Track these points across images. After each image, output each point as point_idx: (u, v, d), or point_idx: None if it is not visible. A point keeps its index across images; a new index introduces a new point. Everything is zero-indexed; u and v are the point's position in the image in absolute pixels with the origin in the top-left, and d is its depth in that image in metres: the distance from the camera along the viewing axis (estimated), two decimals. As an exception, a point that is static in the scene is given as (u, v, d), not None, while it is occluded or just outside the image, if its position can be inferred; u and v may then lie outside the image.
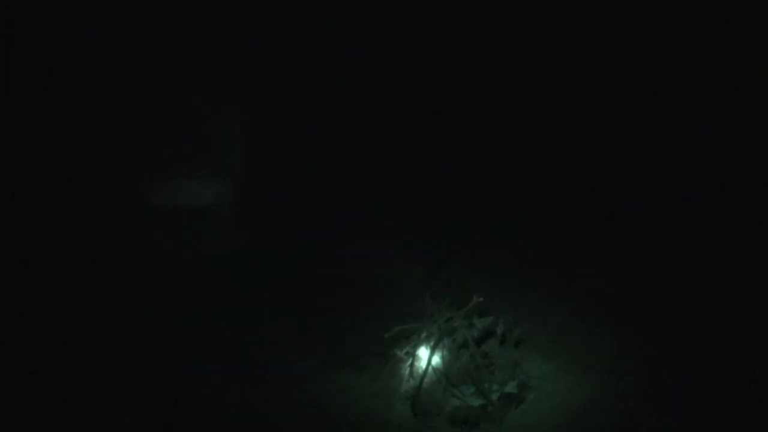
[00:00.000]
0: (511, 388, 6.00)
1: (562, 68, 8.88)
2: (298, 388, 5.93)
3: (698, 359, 5.87)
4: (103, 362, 6.07)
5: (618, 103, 8.66)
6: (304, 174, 8.66)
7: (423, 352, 6.14)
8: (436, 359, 6.10)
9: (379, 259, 7.35)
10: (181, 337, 6.47)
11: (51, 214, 7.73)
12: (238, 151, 8.93)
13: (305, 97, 8.94)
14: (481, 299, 6.33)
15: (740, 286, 6.59)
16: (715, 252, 7.04)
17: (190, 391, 5.84)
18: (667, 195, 7.93)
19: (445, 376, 6.01)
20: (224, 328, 6.70)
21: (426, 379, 5.94)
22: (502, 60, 8.99)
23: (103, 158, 8.23)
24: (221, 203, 8.49)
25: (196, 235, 7.90)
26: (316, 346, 6.43)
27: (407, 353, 6.17)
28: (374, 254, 7.46)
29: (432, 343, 6.14)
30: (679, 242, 7.32)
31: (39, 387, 5.79)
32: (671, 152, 8.28)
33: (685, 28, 8.50)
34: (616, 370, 5.95)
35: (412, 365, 6.08)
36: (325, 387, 5.99)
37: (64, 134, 8.19)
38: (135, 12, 8.42)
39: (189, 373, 6.08)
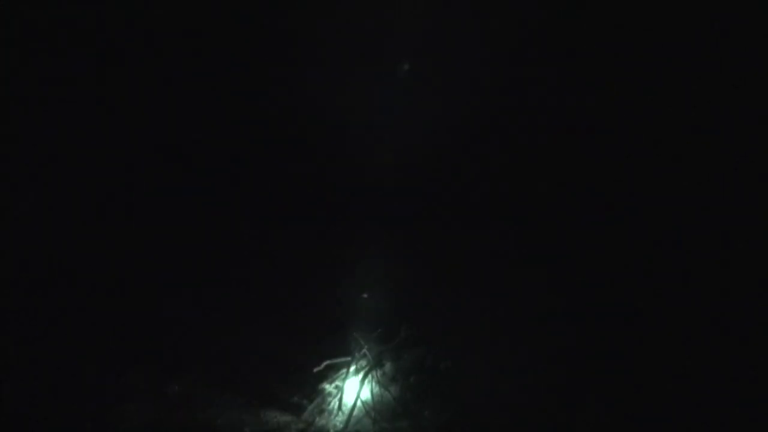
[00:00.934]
0: (443, 420, 5.95)
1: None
2: (220, 429, 5.66)
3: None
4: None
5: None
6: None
7: (352, 386, 6.04)
8: (366, 393, 6.01)
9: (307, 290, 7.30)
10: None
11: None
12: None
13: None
14: (410, 331, 6.36)
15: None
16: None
17: None
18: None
19: (374, 410, 5.91)
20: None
21: (355, 414, 5.82)
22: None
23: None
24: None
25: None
26: (239, 382, 6.19)
27: (336, 387, 6.06)
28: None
29: (361, 377, 6.07)
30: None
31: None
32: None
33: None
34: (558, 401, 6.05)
35: (340, 400, 5.95)
36: (250, 426, 5.73)
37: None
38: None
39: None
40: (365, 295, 7.15)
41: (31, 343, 6.39)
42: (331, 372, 6.16)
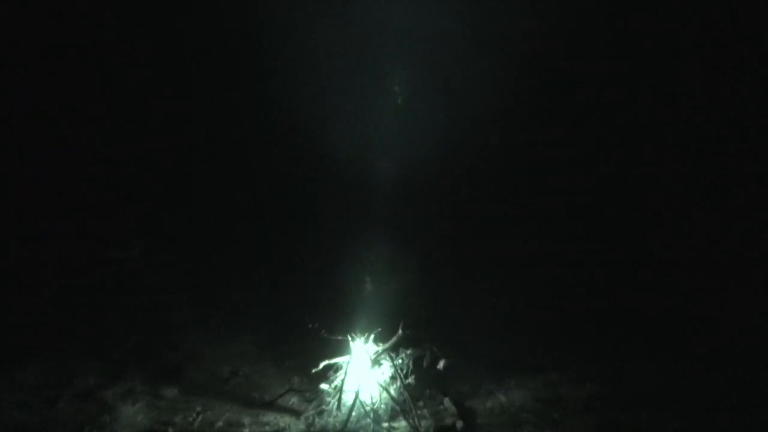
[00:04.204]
0: (441, 420, 5.96)
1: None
2: (220, 431, 5.66)
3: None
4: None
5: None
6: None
7: (350, 387, 6.04)
8: (365, 393, 6.01)
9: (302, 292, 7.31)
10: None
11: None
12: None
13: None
14: (408, 331, 6.35)
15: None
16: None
17: None
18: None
19: (373, 410, 5.91)
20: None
21: (354, 414, 5.82)
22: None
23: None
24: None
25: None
26: (238, 384, 6.20)
27: (335, 387, 6.06)
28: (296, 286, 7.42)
29: (359, 377, 6.07)
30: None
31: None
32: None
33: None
34: (551, 401, 6.09)
35: (339, 400, 5.95)
36: (249, 427, 5.73)
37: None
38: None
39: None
40: (364, 296, 7.16)
41: (28, 342, 6.39)
42: (330, 372, 6.15)
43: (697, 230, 8.56)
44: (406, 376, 6.16)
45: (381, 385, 6.08)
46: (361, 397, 5.94)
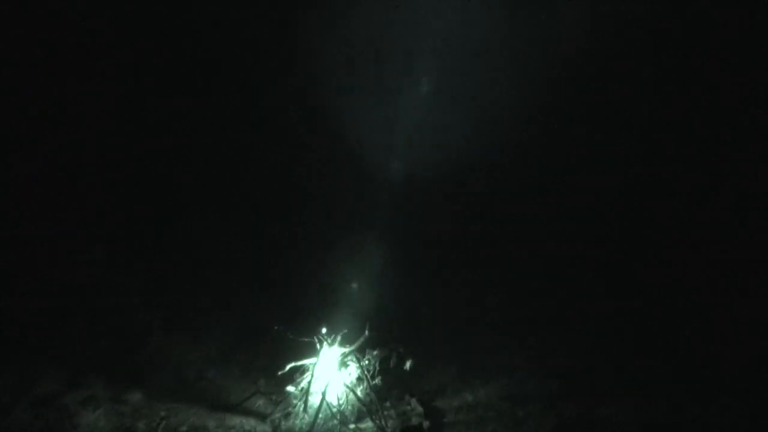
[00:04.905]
0: (408, 420, 6.00)
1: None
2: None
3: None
4: None
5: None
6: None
7: (317, 389, 6.03)
8: (332, 395, 6.02)
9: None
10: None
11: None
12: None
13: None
14: (374, 332, 6.37)
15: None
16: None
17: None
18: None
19: (340, 411, 5.93)
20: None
21: (321, 416, 5.82)
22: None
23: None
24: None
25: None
26: (203, 388, 6.14)
27: (301, 390, 6.04)
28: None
29: (326, 379, 6.07)
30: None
31: None
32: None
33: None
34: (516, 399, 6.19)
35: (306, 402, 5.94)
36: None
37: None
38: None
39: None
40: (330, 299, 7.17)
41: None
42: (296, 374, 6.13)
43: (661, 230, 8.78)
44: (372, 377, 6.18)
45: (348, 387, 6.09)
46: (328, 399, 5.95)
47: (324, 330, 6.21)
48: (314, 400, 5.95)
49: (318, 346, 6.21)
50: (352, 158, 9.20)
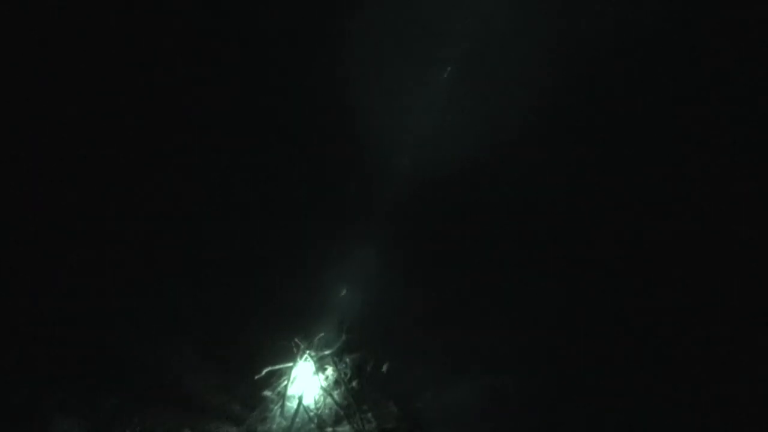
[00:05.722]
0: (386, 423, 6.03)
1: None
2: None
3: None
4: None
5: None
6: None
7: (294, 392, 6.04)
8: (308, 398, 6.03)
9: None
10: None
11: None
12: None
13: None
14: (352, 335, 6.40)
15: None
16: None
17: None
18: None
19: (317, 415, 5.94)
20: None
21: (297, 420, 5.83)
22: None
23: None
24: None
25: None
26: (178, 392, 6.09)
27: (278, 394, 6.04)
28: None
29: (303, 383, 6.08)
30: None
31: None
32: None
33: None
34: (495, 400, 6.26)
35: (282, 406, 5.94)
36: (189, 438, 5.66)
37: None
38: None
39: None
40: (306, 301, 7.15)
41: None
42: (273, 378, 6.13)
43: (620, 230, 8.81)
44: (350, 381, 6.21)
45: (325, 390, 6.11)
46: (305, 403, 5.96)
47: (301, 334, 6.23)
48: (291, 404, 5.96)
49: (295, 349, 6.23)
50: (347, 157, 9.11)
